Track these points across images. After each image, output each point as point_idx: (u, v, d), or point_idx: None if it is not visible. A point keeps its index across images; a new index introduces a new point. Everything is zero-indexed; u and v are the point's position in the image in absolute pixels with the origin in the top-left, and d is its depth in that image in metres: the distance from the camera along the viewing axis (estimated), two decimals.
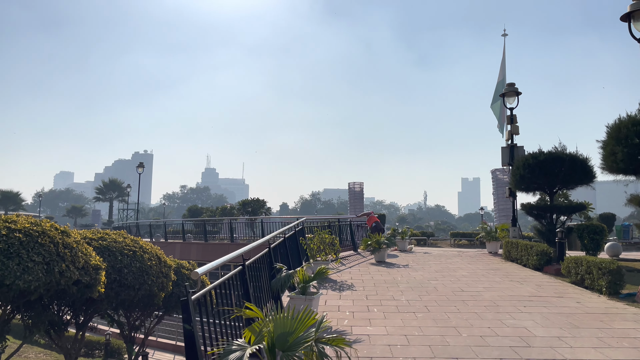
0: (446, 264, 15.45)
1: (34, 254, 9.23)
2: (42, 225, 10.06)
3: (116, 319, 15.59)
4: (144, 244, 13.44)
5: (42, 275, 9.16)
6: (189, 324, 4.21)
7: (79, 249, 10.27)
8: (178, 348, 23.04)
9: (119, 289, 12.06)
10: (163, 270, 13.24)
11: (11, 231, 9.32)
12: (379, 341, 6.80)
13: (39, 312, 11.30)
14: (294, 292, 8.36)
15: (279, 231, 11.19)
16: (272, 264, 8.75)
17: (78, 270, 9.94)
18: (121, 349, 21.01)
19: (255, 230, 32.13)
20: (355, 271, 13.58)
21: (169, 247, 29.96)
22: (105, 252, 12.10)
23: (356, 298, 9.83)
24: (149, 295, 13.01)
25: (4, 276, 8.68)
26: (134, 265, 12.35)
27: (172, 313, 16.56)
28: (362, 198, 39.41)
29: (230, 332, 5.38)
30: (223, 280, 5.57)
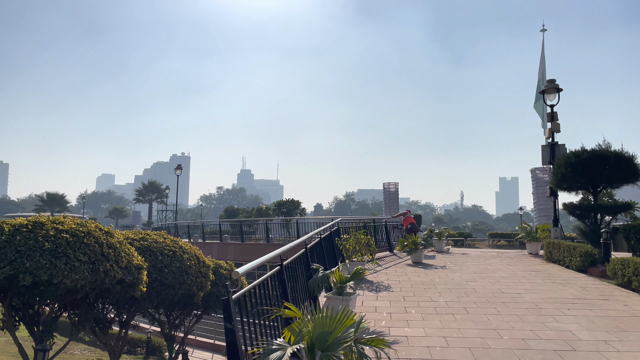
0: (485, 265, 15.16)
1: (80, 253, 9.58)
2: (88, 226, 10.42)
3: (157, 317, 15.99)
4: (184, 244, 13.73)
5: (88, 274, 9.50)
6: (230, 323, 4.28)
7: (122, 249, 10.60)
8: (216, 347, 23.43)
9: (159, 288, 12.36)
10: (202, 270, 13.49)
11: (59, 232, 9.70)
12: (417, 343, 6.74)
13: (85, 310, 11.72)
14: (330, 292, 8.38)
15: (315, 232, 11.23)
16: (308, 265, 8.79)
17: (121, 270, 10.26)
18: (162, 346, 21.53)
19: (290, 230, 32.34)
20: (391, 272, 13.50)
21: (207, 248, 30.51)
22: (146, 252, 12.43)
23: (393, 299, 9.77)
24: (188, 294, 13.30)
25: (53, 275, 9.04)
26: (174, 265, 12.63)
27: (211, 312, 16.85)
28: (397, 198, 39.09)
29: (268, 331, 5.44)
30: (262, 280, 5.63)
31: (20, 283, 8.91)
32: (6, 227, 9.50)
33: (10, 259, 8.97)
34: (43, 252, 9.15)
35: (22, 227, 9.53)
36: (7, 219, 10.31)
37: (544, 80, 28.10)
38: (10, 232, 9.38)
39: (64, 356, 18.61)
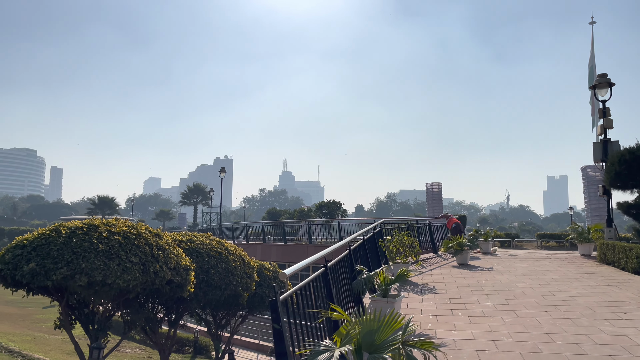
0: (534, 267, 14.71)
1: (131, 255, 9.93)
2: (138, 228, 10.79)
3: (204, 317, 16.36)
4: (229, 246, 13.99)
5: (139, 275, 9.83)
6: (278, 324, 4.33)
7: (170, 250, 10.91)
8: (261, 347, 23.74)
9: (206, 288, 12.65)
10: (247, 271, 13.71)
11: (111, 234, 10.09)
12: (465, 346, 6.61)
13: (136, 310, 12.13)
14: (375, 294, 8.34)
15: (358, 233, 11.20)
16: (352, 266, 8.78)
17: (170, 271, 10.56)
18: (208, 346, 22.00)
19: (332, 232, 32.41)
20: (436, 274, 13.30)
21: (251, 249, 30.96)
22: (193, 253, 12.75)
23: (439, 301, 9.62)
24: (234, 295, 13.54)
25: (106, 276, 9.41)
26: (220, 266, 12.89)
27: (255, 313, 17.09)
28: (440, 199, 38.51)
29: (314, 332, 5.47)
30: (307, 281, 5.67)
31: (77, 283, 9.32)
32: (63, 229, 9.97)
33: (67, 260, 9.41)
34: (97, 253, 9.55)
35: (77, 230, 9.98)
36: (63, 222, 10.80)
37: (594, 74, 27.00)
38: (67, 235, 9.83)
39: (117, 354, 19.31)
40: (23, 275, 9.36)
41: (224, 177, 48.62)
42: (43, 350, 20.27)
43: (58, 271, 9.21)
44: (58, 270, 9.21)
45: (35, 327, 28.38)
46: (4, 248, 10.18)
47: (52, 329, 22.85)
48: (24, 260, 9.53)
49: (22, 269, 9.41)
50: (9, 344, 20.88)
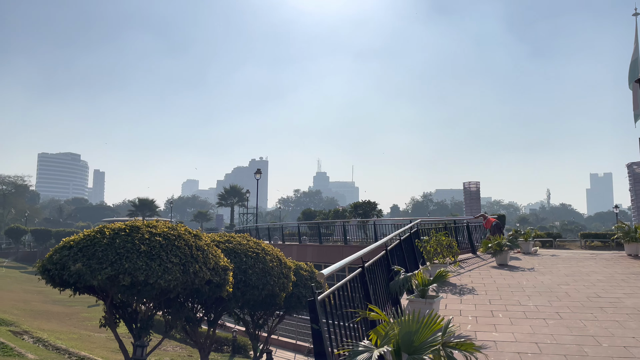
0: (577, 268, 14.25)
1: (172, 255, 10.18)
2: (178, 229, 11.05)
3: (242, 317, 16.58)
4: (266, 246, 14.14)
5: (180, 275, 10.07)
6: (317, 324, 4.36)
7: (209, 251, 11.12)
8: (298, 347, 23.87)
9: (244, 288, 12.82)
10: (284, 272, 13.82)
11: (153, 235, 10.37)
12: (507, 348, 6.47)
13: (177, 309, 12.41)
14: (412, 295, 8.27)
15: (395, 233, 11.13)
16: (389, 266, 8.73)
17: (209, 271, 10.76)
18: (246, 345, 22.28)
19: (367, 232, 32.29)
20: (475, 274, 13.06)
21: (286, 249, 31.18)
22: (231, 254, 12.95)
23: (478, 302, 9.45)
24: (271, 295, 13.67)
25: (148, 276, 9.68)
26: (258, 266, 13.05)
27: (292, 313, 17.21)
28: (478, 198, 37.79)
29: (352, 333, 5.47)
30: (345, 282, 5.68)
31: (120, 283, 9.63)
32: (107, 231, 10.31)
33: (111, 260, 9.73)
34: (139, 254, 9.83)
35: (120, 231, 10.30)
36: (108, 224, 11.17)
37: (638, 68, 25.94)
38: (111, 236, 10.16)
39: (158, 352, 19.81)
40: (70, 275, 9.73)
41: (259, 179, 49.13)
42: (89, 348, 20.99)
43: (103, 271, 9.53)
44: (103, 271, 9.53)
45: (81, 326, 29.43)
46: (52, 249, 10.61)
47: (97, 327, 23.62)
48: (70, 261, 9.90)
49: (69, 269, 9.78)
50: (56, 341, 21.72)
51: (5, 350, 18.56)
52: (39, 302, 38.61)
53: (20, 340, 21.40)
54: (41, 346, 20.57)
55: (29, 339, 21.94)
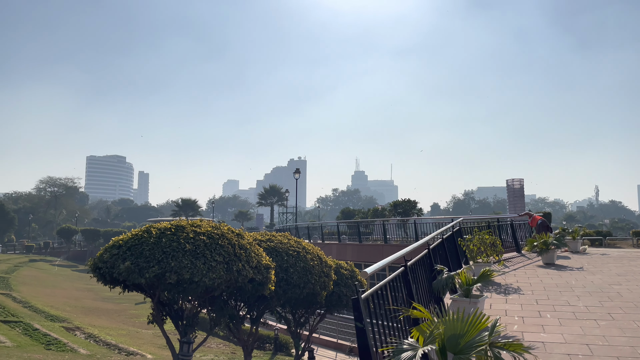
0: (630, 267, 13.67)
1: (216, 254, 10.40)
2: (221, 228, 11.28)
3: (283, 315, 16.75)
4: (306, 245, 14.23)
5: (223, 274, 10.28)
6: (361, 322, 4.37)
7: (251, 249, 11.30)
8: (339, 346, 23.91)
9: (286, 287, 12.95)
10: (324, 270, 13.87)
11: (197, 234, 10.62)
12: (556, 349, 6.29)
13: (220, 307, 12.67)
14: (456, 294, 8.15)
15: (437, 232, 11.00)
16: (432, 265, 8.64)
17: (252, 269, 10.93)
18: (288, 343, 22.50)
19: (407, 231, 31.97)
20: (520, 274, 12.73)
21: (326, 248, 31.26)
22: (272, 252, 13.10)
23: (525, 302, 9.22)
24: (312, 293, 13.75)
25: (194, 274, 9.93)
26: (299, 265, 13.15)
27: (333, 312, 17.25)
28: (522, 195, 36.79)
29: (394, 332, 5.45)
30: (387, 280, 5.66)
31: (167, 281, 9.91)
32: (154, 230, 10.64)
33: (158, 259, 10.03)
34: (185, 253, 10.10)
35: (166, 231, 10.61)
36: (153, 224, 11.52)
37: None
38: (157, 235, 10.48)
39: (203, 349, 20.27)
40: (120, 273, 10.10)
41: (298, 178, 49.45)
42: (137, 344, 21.69)
43: (150, 269, 9.84)
44: (150, 269, 9.84)
45: (129, 322, 30.45)
46: (102, 248, 11.03)
47: (144, 324, 24.35)
48: (120, 259, 10.27)
49: (118, 267, 10.15)
50: (106, 337, 22.56)
51: (58, 345, 19.42)
52: (90, 300, 40.19)
53: (72, 335, 22.35)
54: (92, 342, 21.41)
55: (81, 335, 22.88)
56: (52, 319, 26.85)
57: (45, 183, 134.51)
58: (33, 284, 45.07)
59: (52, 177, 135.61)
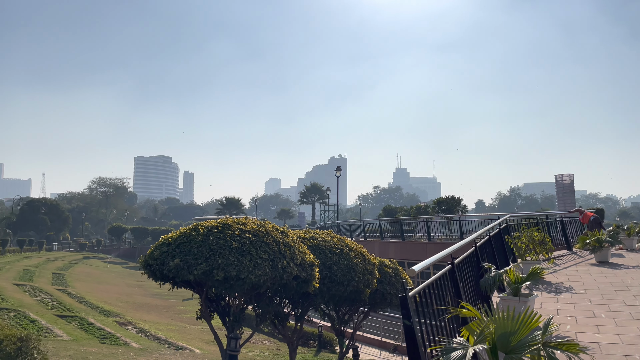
0: None
1: (261, 251, 10.57)
2: (266, 226, 11.45)
3: (327, 312, 16.82)
4: (349, 243, 14.23)
5: (269, 271, 10.42)
6: (409, 320, 4.35)
7: (296, 247, 11.41)
8: (383, 344, 23.82)
9: (329, 284, 12.99)
10: (368, 268, 13.83)
11: (243, 232, 10.82)
12: (612, 350, 6.06)
13: (266, 304, 12.85)
14: (504, 293, 7.99)
15: (484, 230, 10.79)
16: (479, 263, 8.50)
17: (296, 267, 11.04)
18: (332, 340, 22.58)
19: (452, 228, 31.47)
20: (572, 272, 12.31)
21: (368, 246, 31.13)
22: (316, 250, 13.16)
23: (577, 302, 8.92)
24: (356, 291, 13.73)
25: (240, 271, 10.12)
26: (342, 262, 13.16)
27: (377, 310, 17.18)
28: (572, 191, 35.45)
29: (442, 331, 5.39)
30: (435, 278, 5.61)
31: (215, 278, 10.14)
32: (201, 228, 10.91)
33: (205, 256, 10.28)
34: (231, 250, 10.31)
35: (213, 229, 10.86)
36: (200, 222, 11.81)
37: None
38: (205, 233, 10.74)
39: (248, 345, 20.63)
40: (169, 270, 10.41)
41: (339, 176, 49.47)
42: (185, 339, 22.31)
43: (198, 266, 10.10)
44: (198, 266, 10.10)
45: (177, 318, 31.35)
46: (153, 245, 11.40)
47: (192, 320, 24.97)
48: (169, 257, 10.59)
49: (168, 264, 10.46)
50: (156, 332, 23.31)
51: (112, 339, 20.22)
52: (140, 295, 41.64)
53: (125, 330, 23.22)
54: (143, 336, 22.18)
55: (133, 329, 23.74)
56: (106, 314, 27.98)
57: (97, 183, 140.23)
58: (87, 280, 47.10)
59: (103, 178, 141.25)
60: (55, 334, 19.52)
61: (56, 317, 23.78)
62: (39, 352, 7.71)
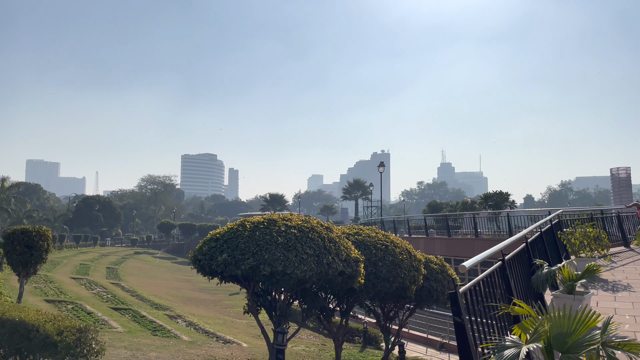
0: None
1: (306, 247, 10.66)
2: (311, 222, 11.53)
3: (372, 309, 16.76)
4: (394, 239, 14.12)
5: (314, 266, 10.50)
6: (459, 317, 4.28)
7: (341, 243, 11.43)
8: (429, 341, 23.54)
9: (375, 280, 12.94)
10: (414, 264, 13.69)
11: (288, 228, 10.94)
12: None
13: (311, 299, 12.96)
14: (557, 290, 7.72)
15: (535, 225, 10.47)
16: (530, 260, 8.26)
17: (342, 262, 11.07)
18: (377, 337, 22.50)
19: (500, 224, 30.67)
20: (630, 269, 11.76)
21: (413, 242, 30.72)
22: (361, 246, 13.14)
23: (636, 300, 8.52)
24: (401, 287, 13.62)
25: (286, 266, 10.24)
26: (387, 258, 13.08)
27: (423, 306, 16.98)
28: (629, 185, 33.81)
29: (491, 329, 5.28)
30: (485, 275, 5.50)
31: (261, 272, 10.31)
32: (248, 224, 11.11)
33: (252, 251, 10.47)
34: (277, 245, 10.45)
35: (259, 224, 11.04)
36: (248, 218, 12.02)
37: None
38: (251, 229, 10.94)
39: (294, 340, 20.86)
40: (218, 265, 10.67)
41: (382, 171, 49.12)
42: (232, 333, 22.80)
43: (246, 261, 10.29)
44: (246, 261, 10.30)
45: (224, 312, 32.06)
46: (201, 241, 11.71)
47: (238, 314, 25.45)
48: (217, 252, 10.85)
49: (216, 259, 10.72)
50: (205, 325, 23.93)
51: (163, 331, 20.91)
52: (188, 290, 42.83)
53: (175, 323, 23.96)
54: (192, 329, 22.82)
55: (182, 323, 24.46)
56: (157, 307, 28.96)
57: (146, 181, 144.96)
58: (138, 275, 48.88)
59: (152, 176, 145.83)
60: (111, 325, 20.37)
61: (111, 310, 24.82)
62: (96, 342, 8.06)
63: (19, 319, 8.46)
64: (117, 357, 12.73)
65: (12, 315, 8.81)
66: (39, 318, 8.38)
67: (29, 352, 8.29)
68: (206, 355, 14.47)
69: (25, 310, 9.42)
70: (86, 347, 7.63)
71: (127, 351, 14.48)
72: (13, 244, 15.18)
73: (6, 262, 17.71)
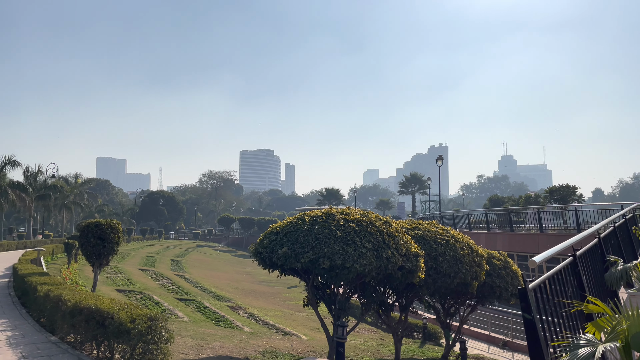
0: None
1: (365, 241, 10.64)
2: (369, 216, 11.50)
3: (432, 304, 16.52)
4: (455, 234, 13.83)
5: (373, 260, 10.47)
6: (529, 314, 4.14)
7: (400, 237, 11.33)
8: (491, 339, 22.91)
9: (435, 276, 12.74)
10: (475, 260, 13.37)
11: (347, 222, 10.97)
12: None
13: (370, 293, 12.94)
14: (633, 289, 7.31)
15: (607, 220, 9.92)
16: (603, 256, 7.85)
17: (401, 257, 10.97)
18: (437, 333, 22.15)
19: (566, 219, 29.34)
20: None
21: (474, 237, 29.88)
22: (420, 240, 12.97)
23: None
24: (463, 283, 13.34)
25: (345, 260, 10.28)
26: (448, 253, 12.84)
27: (485, 303, 16.54)
28: None
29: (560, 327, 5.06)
30: (554, 271, 5.28)
31: (321, 266, 10.41)
32: (307, 218, 11.24)
33: (311, 245, 10.58)
34: (336, 239, 10.50)
35: (318, 218, 11.14)
36: (306, 212, 12.15)
37: None
38: (310, 223, 11.06)
39: (353, 334, 20.92)
40: (278, 258, 10.88)
41: (441, 165, 48.11)
42: (292, 325, 23.17)
43: (305, 255, 10.42)
44: (305, 254, 10.43)
45: (283, 304, 32.64)
46: (262, 234, 11.97)
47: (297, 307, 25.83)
48: (277, 245, 11.06)
49: (277, 252, 10.93)
50: (265, 317, 24.45)
51: (225, 322, 21.56)
52: (248, 282, 43.93)
53: (236, 314, 24.65)
54: (253, 320, 23.39)
55: (243, 314, 25.13)
56: (219, 299, 29.90)
57: (207, 177, 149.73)
58: (200, 267, 50.65)
59: (212, 171, 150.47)
60: (176, 315, 21.23)
61: (176, 300, 25.88)
62: (166, 330, 8.43)
63: (95, 306, 9.00)
64: (184, 345, 13.27)
65: (88, 303, 9.39)
66: (113, 306, 8.87)
67: (104, 338, 8.80)
68: (267, 346, 14.79)
69: (100, 299, 10.00)
70: (156, 335, 8.01)
71: (193, 340, 15.05)
72: (87, 237, 16.11)
73: (81, 254, 18.88)
